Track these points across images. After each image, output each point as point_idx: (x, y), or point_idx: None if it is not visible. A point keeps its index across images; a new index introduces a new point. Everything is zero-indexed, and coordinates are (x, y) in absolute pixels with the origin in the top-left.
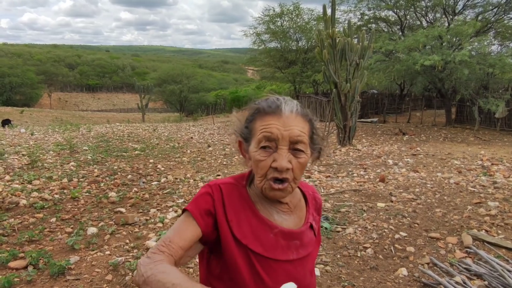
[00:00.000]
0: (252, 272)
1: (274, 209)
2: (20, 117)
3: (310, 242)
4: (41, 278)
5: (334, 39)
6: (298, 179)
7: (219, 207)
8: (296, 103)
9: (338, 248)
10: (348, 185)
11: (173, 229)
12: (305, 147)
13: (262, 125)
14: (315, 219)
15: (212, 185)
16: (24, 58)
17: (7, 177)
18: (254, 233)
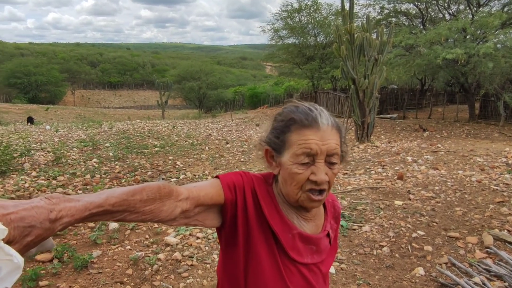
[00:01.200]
0: (274, 267)
1: (294, 214)
2: (45, 114)
3: (325, 250)
4: (65, 271)
5: (352, 35)
6: (331, 188)
7: (248, 192)
8: (328, 113)
9: (353, 246)
10: (365, 182)
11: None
12: (338, 159)
13: (301, 140)
14: (333, 227)
15: (244, 172)
16: (49, 57)
17: (33, 173)
18: (278, 228)
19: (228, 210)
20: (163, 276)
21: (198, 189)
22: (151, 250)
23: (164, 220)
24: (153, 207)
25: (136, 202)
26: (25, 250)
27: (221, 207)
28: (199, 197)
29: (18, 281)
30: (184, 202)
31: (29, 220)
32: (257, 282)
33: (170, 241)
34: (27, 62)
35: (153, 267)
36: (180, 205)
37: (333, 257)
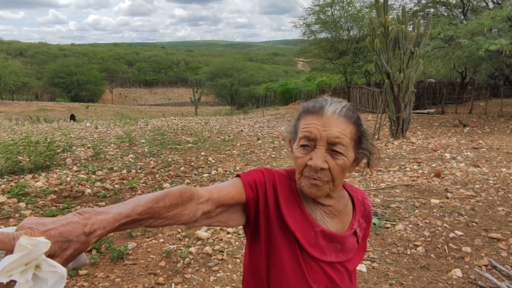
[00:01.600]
0: (295, 265)
1: (317, 210)
2: (85, 112)
3: (351, 248)
4: (103, 261)
5: (387, 27)
6: (337, 181)
7: (270, 188)
8: (345, 105)
9: (386, 245)
10: (400, 179)
11: (216, 185)
12: (344, 150)
13: (304, 124)
14: (361, 226)
15: (266, 168)
16: (89, 57)
17: (74, 168)
18: (297, 225)
19: (251, 208)
20: (194, 269)
21: (219, 189)
22: (183, 244)
23: (186, 223)
24: (175, 212)
25: (160, 209)
26: (65, 263)
27: (244, 206)
28: (219, 198)
29: None
30: (205, 204)
31: (67, 235)
32: (279, 279)
33: (201, 235)
34: (69, 63)
35: (185, 260)
36: (201, 208)
37: (361, 257)
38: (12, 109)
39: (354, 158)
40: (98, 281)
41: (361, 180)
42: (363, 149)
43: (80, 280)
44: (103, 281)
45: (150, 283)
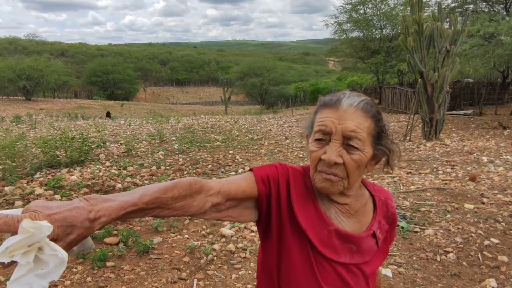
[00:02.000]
0: (305, 264)
1: (332, 208)
2: (120, 109)
3: (369, 251)
4: (129, 254)
5: (421, 25)
6: (352, 178)
7: (283, 184)
8: (364, 99)
9: (414, 250)
10: (431, 182)
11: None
12: (361, 145)
13: (320, 118)
14: (382, 228)
15: (280, 164)
16: (124, 57)
17: (107, 163)
18: (311, 223)
19: (263, 204)
20: (217, 266)
21: (229, 182)
22: (207, 240)
23: (194, 214)
24: (183, 203)
25: (168, 199)
26: (68, 247)
27: (256, 201)
28: (230, 191)
29: (88, 260)
30: (215, 197)
31: (71, 220)
32: (289, 278)
33: (225, 233)
34: (106, 62)
35: (208, 257)
36: (210, 200)
37: (381, 260)
38: (53, 106)
39: (372, 155)
40: (123, 273)
41: (390, 182)
42: (382, 145)
43: (107, 271)
44: (128, 273)
45: (173, 278)
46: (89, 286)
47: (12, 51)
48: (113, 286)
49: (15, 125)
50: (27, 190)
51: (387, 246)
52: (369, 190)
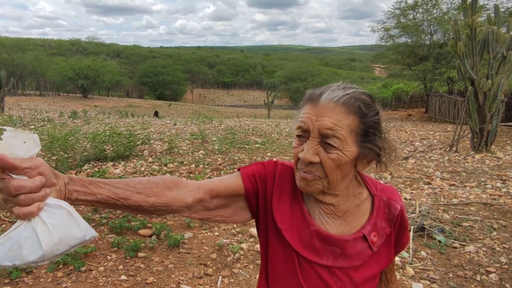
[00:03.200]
0: (289, 264)
1: (317, 208)
2: (168, 109)
3: (358, 255)
4: (160, 247)
5: (474, 29)
6: (331, 178)
7: (270, 182)
8: (349, 92)
9: (451, 266)
10: (477, 196)
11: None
12: (339, 143)
13: (301, 113)
14: (381, 231)
15: (269, 161)
16: (174, 59)
17: (150, 159)
18: (292, 222)
19: (252, 201)
20: (242, 264)
21: (211, 180)
22: (236, 239)
23: (177, 207)
24: (156, 190)
25: (135, 183)
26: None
27: (246, 201)
28: (211, 186)
29: (122, 249)
30: (196, 192)
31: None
32: (274, 277)
33: (254, 233)
34: (157, 64)
35: (235, 255)
36: (191, 194)
37: (379, 266)
38: (106, 104)
39: (357, 154)
40: (153, 264)
41: (430, 193)
42: (372, 143)
43: (138, 261)
44: (157, 265)
45: (200, 273)
46: (120, 274)
47: (74, 52)
48: (142, 276)
49: (72, 120)
50: None
51: (392, 251)
52: (369, 189)
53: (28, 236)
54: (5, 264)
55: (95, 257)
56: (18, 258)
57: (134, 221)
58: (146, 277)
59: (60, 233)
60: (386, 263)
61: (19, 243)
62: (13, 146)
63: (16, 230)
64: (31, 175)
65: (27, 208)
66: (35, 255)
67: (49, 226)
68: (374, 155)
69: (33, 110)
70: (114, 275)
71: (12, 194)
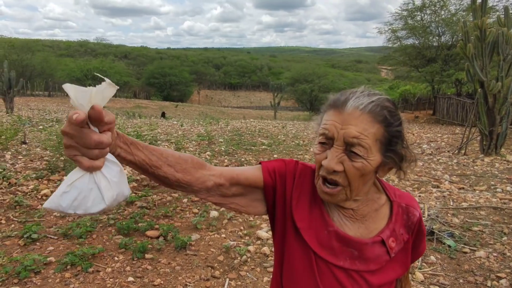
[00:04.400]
0: (306, 264)
1: (336, 211)
2: (174, 110)
3: (376, 259)
4: (167, 248)
5: (484, 30)
6: (354, 186)
7: (290, 180)
8: (376, 99)
9: (462, 272)
10: (487, 200)
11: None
12: (364, 152)
13: (325, 120)
14: (399, 237)
15: (290, 159)
16: (181, 60)
17: None
18: (311, 222)
19: (269, 196)
20: (250, 267)
21: (233, 168)
22: (243, 241)
23: (198, 188)
24: (185, 167)
25: (168, 155)
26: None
27: (264, 193)
28: (232, 175)
29: (129, 250)
30: (218, 177)
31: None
32: (290, 275)
33: (261, 235)
34: (164, 65)
35: (242, 258)
36: (213, 179)
37: (397, 273)
38: (114, 104)
39: (380, 162)
40: (160, 266)
41: (439, 196)
42: (395, 152)
43: (145, 263)
44: (165, 267)
45: (207, 275)
46: (127, 275)
47: (82, 53)
48: (149, 277)
49: None
50: None
51: (408, 259)
52: (388, 195)
53: (92, 189)
54: (69, 212)
55: (103, 258)
56: (82, 208)
57: (141, 222)
58: (153, 279)
59: (118, 190)
60: (402, 271)
61: (84, 195)
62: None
63: (80, 180)
64: (101, 129)
65: (95, 162)
66: (97, 208)
67: (110, 182)
68: (395, 163)
69: (41, 111)
70: (121, 277)
71: (91, 146)
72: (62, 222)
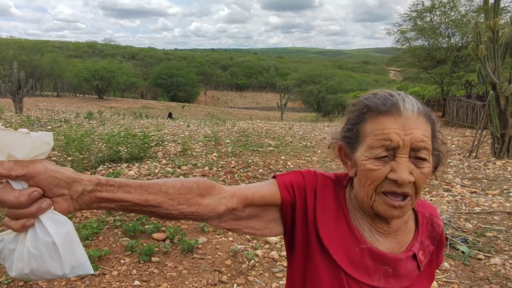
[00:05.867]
0: (334, 283)
1: (367, 226)
2: (181, 111)
3: (408, 275)
4: (174, 251)
5: (496, 32)
6: (419, 194)
7: (310, 194)
8: (415, 98)
9: (476, 279)
10: (500, 205)
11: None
12: (428, 155)
13: (377, 130)
14: (426, 249)
15: (307, 171)
16: (188, 61)
17: (163, 161)
18: (340, 240)
19: (288, 214)
20: (258, 272)
21: (246, 186)
22: (251, 245)
23: (207, 216)
24: (189, 197)
25: (168, 188)
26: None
27: (281, 211)
28: (246, 195)
29: (136, 253)
30: (229, 200)
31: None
32: None
33: (270, 239)
34: (171, 66)
35: (250, 262)
36: (224, 202)
37: (424, 286)
38: (121, 105)
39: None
40: (167, 270)
41: (451, 200)
42: (437, 150)
43: (151, 266)
44: (171, 270)
45: (214, 280)
46: (133, 279)
47: (91, 54)
48: (156, 281)
49: (87, 121)
50: None
51: (433, 271)
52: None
53: (12, 251)
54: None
55: (109, 261)
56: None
57: (148, 224)
58: (160, 283)
59: (34, 266)
60: (430, 283)
61: (4, 253)
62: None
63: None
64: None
65: (10, 223)
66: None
67: (26, 252)
68: (437, 161)
69: (50, 111)
70: (127, 280)
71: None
72: None
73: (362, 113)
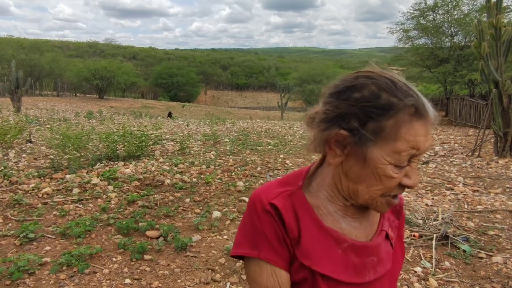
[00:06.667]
0: None
1: (339, 214)
2: (181, 110)
3: (387, 256)
4: (167, 249)
5: (499, 29)
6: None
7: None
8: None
9: (478, 278)
10: (502, 203)
11: None
12: None
13: (410, 135)
14: (392, 225)
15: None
16: (189, 61)
17: (161, 159)
18: (319, 249)
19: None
20: None
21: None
22: None
23: None
24: None
25: None
26: None
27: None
28: None
29: (128, 251)
30: None
31: None
32: None
33: None
34: (172, 65)
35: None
36: None
37: (400, 263)
38: (121, 105)
39: None
40: (159, 268)
41: (453, 199)
42: None
43: (143, 264)
44: (164, 268)
45: (207, 279)
46: (124, 277)
47: (91, 54)
48: (147, 280)
49: (87, 120)
50: (85, 179)
51: (402, 245)
52: None
53: None
54: None
55: (100, 259)
56: None
57: (142, 221)
58: (151, 282)
59: None
60: (402, 258)
61: None
62: None
63: None
64: None
65: None
66: None
67: None
68: None
69: (49, 110)
70: (118, 278)
71: None
72: (62, 221)
73: (389, 109)
